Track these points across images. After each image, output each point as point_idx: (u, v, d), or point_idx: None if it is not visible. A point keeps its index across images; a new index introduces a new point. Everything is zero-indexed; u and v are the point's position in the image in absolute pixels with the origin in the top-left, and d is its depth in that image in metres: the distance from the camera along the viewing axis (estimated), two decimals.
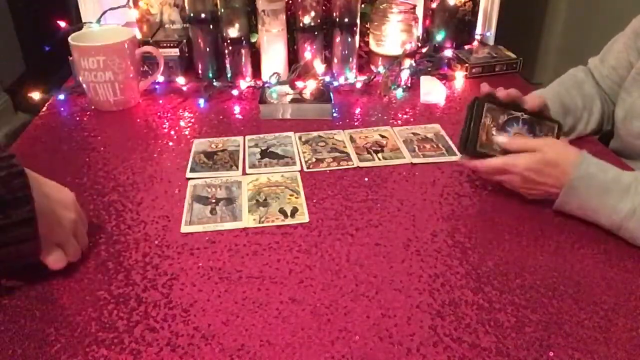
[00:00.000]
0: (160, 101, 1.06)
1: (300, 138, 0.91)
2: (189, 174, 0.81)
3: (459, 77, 1.15)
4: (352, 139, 0.91)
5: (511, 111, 0.73)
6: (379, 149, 0.88)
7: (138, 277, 0.61)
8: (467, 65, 1.14)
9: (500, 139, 0.71)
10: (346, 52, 1.12)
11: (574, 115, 0.87)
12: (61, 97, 1.06)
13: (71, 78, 1.12)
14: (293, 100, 0.99)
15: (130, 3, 1.16)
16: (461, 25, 1.25)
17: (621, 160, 0.84)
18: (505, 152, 0.71)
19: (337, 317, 0.56)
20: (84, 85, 1.00)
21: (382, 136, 0.92)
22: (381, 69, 1.10)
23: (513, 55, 1.18)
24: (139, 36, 1.12)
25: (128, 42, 0.98)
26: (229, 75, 1.11)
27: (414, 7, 1.14)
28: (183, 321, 0.55)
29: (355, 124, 0.97)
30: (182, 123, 0.97)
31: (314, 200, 0.75)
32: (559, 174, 0.67)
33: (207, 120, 0.98)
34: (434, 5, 1.25)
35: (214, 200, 0.74)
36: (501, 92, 0.75)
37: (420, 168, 0.83)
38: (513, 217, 0.71)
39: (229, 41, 1.07)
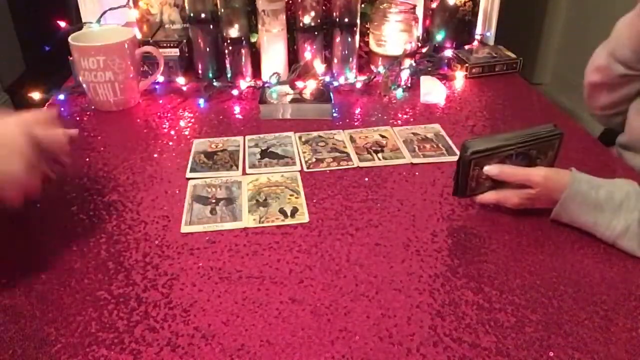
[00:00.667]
0: (160, 101, 1.06)
1: (300, 138, 0.91)
2: (189, 174, 0.81)
3: (459, 77, 1.15)
4: (352, 139, 0.91)
5: (501, 151, 0.68)
6: (379, 149, 0.88)
7: (138, 277, 0.61)
8: (467, 65, 1.14)
9: (492, 170, 0.68)
10: (346, 52, 1.12)
11: None
12: (61, 97, 1.06)
13: (71, 78, 1.12)
14: (293, 100, 0.99)
15: (130, 3, 1.16)
16: (461, 25, 1.25)
17: (621, 160, 0.84)
18: (495, 181, 0.69)
19: (337, 317, 0.56)
20: (84, 85, 1.00)
21: (382, 136, 0.92)
22: (381, 69, 1.10)
23: (513, 55, 1.18)
24: (139, 36, 1.12)
25: (128, 42, 0.98)
26: (229, 75, 1.12)
27: (414, 7, 1.14)
28: (183, 321, 0.55)
29: (355, 124, 0.97)
30: (182, 123, 0.97)
31: (314, 200, 0.75)
32: (552, 197, 0.67)
33: (207, 120, 0.98)
34: (434, 5, 1.25)
35: (214, 200, 0.74)
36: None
37: (420, 168, 0.83)
38: (513, 217, 0.71)
39: (229, 41, 1.07)
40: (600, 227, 0.64)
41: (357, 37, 1.11)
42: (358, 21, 1.09)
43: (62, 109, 1.03)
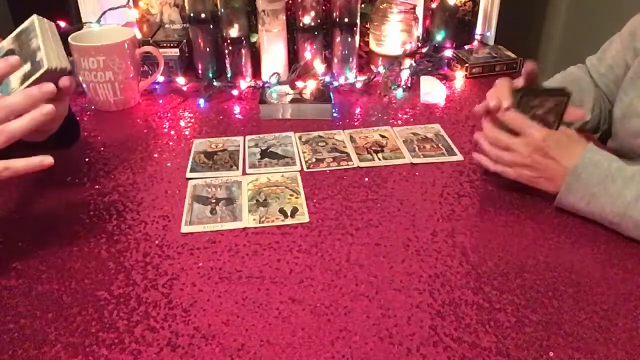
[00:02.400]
0: (160, 101, 1.06)
1: (300, 138, 0.91)
2: (189, 174, 0.81)
3: (459, 77, 1.15)
4: (352, 139, 0.91)
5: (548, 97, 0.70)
6: (379, 149, 0.88)
7: (138, 277, 0.61)
8: (467, 65, 1.14)
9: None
10: (346, 52, 1.12)
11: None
12: None
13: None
14: (293, 100, 0.99)
15: (130, 3, 1.16)
16: (461, 25, 1.25)
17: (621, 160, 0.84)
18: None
19: (337, 317, 0.56)
20: (84, 85, 1.00)
21: (382, 136, 0.92)
22: (381, 69, 1.10)
23: (513, 55, 1.18)
24: (139, 36, 1.12)
25: (128, 42, 0.98)
26: (229, 75, 1.12)
27: (414, 7, 1.14)
28: (183, 321, 0.55)
29: (355, 124, 0.97)
30: (182, 123, 0.97)
31: (314, 200, 0.75)
32: (566, 155, 0.67)
33: (207, 120, 0.98)
34: (434, 5, 1.25)
35: (214, 200, 0.74)
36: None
37: (420, 168, 0.83)
38: (513, 217, 0.71)
39: (229, 41, 1.07)
40: (610, 197, 0.64)
41: (357, 37, 1.11)
42: (358, 21, 1.09)
43: None
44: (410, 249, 0.65)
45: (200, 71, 1.14)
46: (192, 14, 1.09)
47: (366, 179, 0.80)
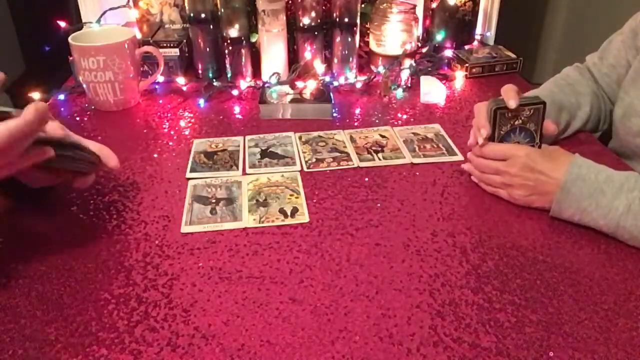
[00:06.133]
0: (160, 101, 1.06)
1: (300, 138, 0.91)
2: (189, 174, 0.81)
3: (459, 77, 1.15)
4: (352, 139, 0.91)
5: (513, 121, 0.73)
6: (379, 149, 0.88)
7: (138, 277, 0.61)
8: (467, 65, 1.14)
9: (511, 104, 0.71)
10: (346, 52, 1.12)
11: (569, 112, 0.87)
12: (61, 97, 1.06)
13: (71, 78, 1.12)
14: (293, 100, 0.99)
15: (130, 3, 1.16)
16: (461, 25, 1.25)
17: (620, 159, 0.84)
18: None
19: (337, 317, 0.56)
20: (84, 85, 1.00)
21: (382, 136, 0.92)
22: (381, 69, 1.10)
23: (513, 55, 1.18)
24: (139, 36, 1.12)
25: (128, 42, 0.98)
26: (229, 75, 1.12)
27: (414, 7, 1.14)
28: (183, 321, 0.55)
29: (355, 124, 0.97)
30: (182, 123, 0.97)
31: (314, 200, 0.75)
32: (554, 167, 0.68)
33: (207, 120, 0.98)
34: (434, 5, 1.25)
35: (214, 200, 0.74)
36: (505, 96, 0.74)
37: (420, 168, 0.83)
38: (513, 217, 0.71)
39: (229, 41, 1.07)
40: (602, 209, 0.65)
41: (357, 37, 1.11)
42: (358, 21, 1.09)
43: (62, 109, 1.03)
44: (410, 249, 0.65)
45: (200, 71, 1.14)
46: (192, 14, 1.09)
47: (366, 179, 0.80)
